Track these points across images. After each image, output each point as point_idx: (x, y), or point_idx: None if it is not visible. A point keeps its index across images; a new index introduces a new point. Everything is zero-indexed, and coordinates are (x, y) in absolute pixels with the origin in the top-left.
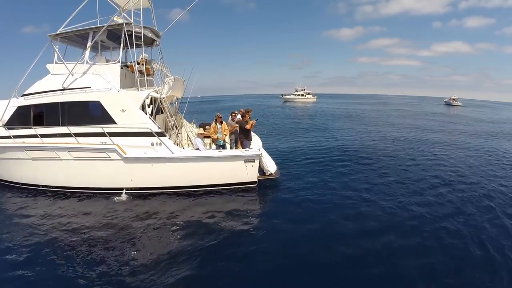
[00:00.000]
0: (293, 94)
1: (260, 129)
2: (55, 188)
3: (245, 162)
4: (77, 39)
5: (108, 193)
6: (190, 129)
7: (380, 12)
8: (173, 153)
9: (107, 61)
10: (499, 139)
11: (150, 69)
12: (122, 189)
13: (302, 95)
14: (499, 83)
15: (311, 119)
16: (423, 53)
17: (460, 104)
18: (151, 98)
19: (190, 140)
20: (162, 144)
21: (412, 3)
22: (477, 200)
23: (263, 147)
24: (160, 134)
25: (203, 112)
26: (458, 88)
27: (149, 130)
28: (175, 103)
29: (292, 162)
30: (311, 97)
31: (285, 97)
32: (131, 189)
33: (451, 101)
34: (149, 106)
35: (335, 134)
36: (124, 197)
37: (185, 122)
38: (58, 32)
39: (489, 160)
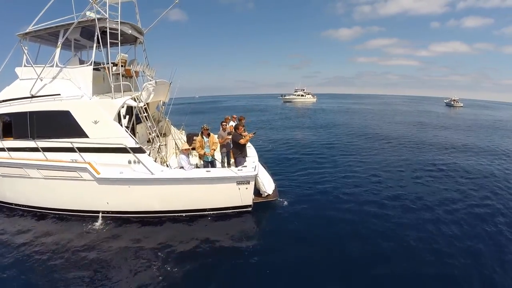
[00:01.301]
0: (293, 95)
1: (257, 136)
2: (27, 207)
3: (238, 184)
4: (50, 38)
5: (83, 216)
6: (178, 137)
7: (379, 12)
8: (152, 173)
9: (82, 62)
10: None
11: (130, 71)
12: (98, 212)
13: (302, 95)
14: (497, 83)
15: (313, 122)
16: (421, 53)
17: (461, 105)
18: (129, 107)
19: (179, 148)
20: (140, 162)
21: (410, 3)
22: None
23: (259, 157)
24: (137, 151)
25: (201, 112)
26: (457, 88)
27: (124, 146)
28: (161, 107)
29: (292, 174)
30: (311, 97)
31: (285, 97)
32: (108, 212)
33: (452, 102)
34: (124, 117)
35: (338, 141)
36: (99, 221)
37: (173, 129)
38: (27, 30)
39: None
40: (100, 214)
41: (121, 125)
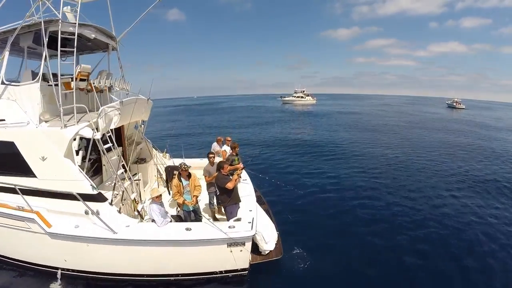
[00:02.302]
0: (293, 96)
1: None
2: None
3: (229, 246)
4: (2, 46)
5: (42, 270)
6: (161, 162)
7: (377, 13)
8: (115, 232)
9: (34, 76)
10: None
11: (92, 86)
12: (57, 268)
13: (302, 97)
14: (496, 83)
15: (314, 130)
16: (419, 53)
17: (464, 106)
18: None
19: (161, 176)
20: (100, 215)
21: (408, 3)
22: None
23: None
24: (94, 199)
25: (199, 114)
26: (455, 88)
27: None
28: (140, 126)
29: (297, 205)
30: (311, 99)
31: (284, 99)
32: (68, 270)
33: (454, 104)
34: (77, 153)
35: (344, 155)
36: (59, 280)
37: (154, 152)
38: None
39: None
40: (59, 271)
41: (75, 162)
